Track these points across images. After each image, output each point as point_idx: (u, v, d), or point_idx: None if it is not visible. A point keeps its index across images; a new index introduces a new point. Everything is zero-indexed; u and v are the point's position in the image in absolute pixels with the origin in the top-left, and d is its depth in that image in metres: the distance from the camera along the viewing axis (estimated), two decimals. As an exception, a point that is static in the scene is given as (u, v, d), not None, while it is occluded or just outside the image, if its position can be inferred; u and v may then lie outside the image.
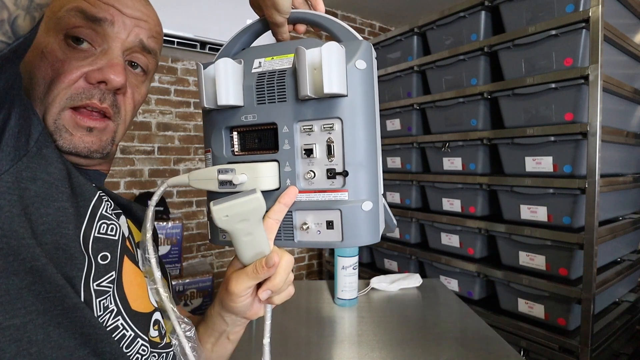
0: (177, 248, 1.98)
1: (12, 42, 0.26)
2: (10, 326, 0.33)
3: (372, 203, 0.41)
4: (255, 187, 0.40)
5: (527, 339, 1.47)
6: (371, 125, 0.41)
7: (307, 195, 0.42)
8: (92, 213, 0.42)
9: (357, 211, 0.40)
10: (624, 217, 1.71)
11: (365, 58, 0.40)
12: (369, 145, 0.41)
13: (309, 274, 2.95)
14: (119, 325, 0.41)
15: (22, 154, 0.35)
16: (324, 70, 0.37)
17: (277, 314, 1.09)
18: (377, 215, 0.42)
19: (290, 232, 0.43)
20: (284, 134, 0.42)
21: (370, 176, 0.41)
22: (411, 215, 2.03)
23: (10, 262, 0.33)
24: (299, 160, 0.42)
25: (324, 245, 0.42)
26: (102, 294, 0.40)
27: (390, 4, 2.87)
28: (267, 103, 0.42)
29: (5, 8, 0.24)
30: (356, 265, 1.12)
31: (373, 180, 0.41)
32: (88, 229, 0.41)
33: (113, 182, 2.09)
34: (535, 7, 1.47)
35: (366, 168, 0.41)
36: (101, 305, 0.39)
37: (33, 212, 0.36)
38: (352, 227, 0.40)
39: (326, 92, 0.37)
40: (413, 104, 1.99)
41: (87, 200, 0.42)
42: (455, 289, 1.80)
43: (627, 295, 1.76)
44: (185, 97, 2.31)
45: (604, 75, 1.29)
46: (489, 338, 0.92)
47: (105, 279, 0.40)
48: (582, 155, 1.36)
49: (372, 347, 0.88)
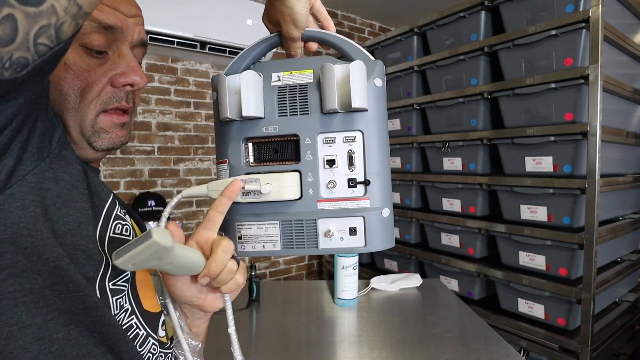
0: (177, 248, 1.98)
1: (54, 46, 0.27)
2: (32, 324, 0.34)
3: (389, 210, 0.45)
4: (279, 197, 0.43)
5: (527, 339, 1.47)
6: (385, 138, 0.45)
7: (330, 204, 0.44)
8: (108, 213, 0.43)
9: (378, 217, 0.44)
10: (624, 217, 1.71)
11: (382, 77, 0.44)
12: (384, 156, 0.45)
13: (309, 274, 2.95)
14: (133, 325, 0.42)
15: (45, 155, 0.36)
16: (352, 86, 0.41)
17: (277, 313, 1.09)
18: (392, 221, 0.46)
19: (313, 239, 0.45)
20: (306, 145, 0.44)
21: (386, 185, 0.45)
22: (411, 215, 2.03)
23: (34, 261, 0.34)
24: (321, 170, 0.44)
25: (348, 251, 0.45)
26: (117, 292, 0.41)
27: (390, 4, 2.87)
28: (289, 115, 0.44)
29: (55, 14, 0.25)
30: (356, 265, 1.12)
31: (388, 188, 0.45)
32: (104, 229, 0.42)
33: (113, 182, 2.09)
34: (535, 7, 1.47)
35: (383, 177, 0.44)
36: (118, 304, 0.41)
37: (55, 213, 0.36)
38: (374, 232, 0.44)
39: (354, 106, 0.41)
40: (413, 104, 1.99)
41: (103, 200, 0.43)
42: (455, 289, 1.80)
43: (627, 295, 1.76)
44: (185, 97, 2.31)
45: (604, 75, 1.29)
46: (489, 338, 0.92)
47: (120, 279, 0.42)
48: (582, 155, 1.36)
49: (372, 347, 0.88)
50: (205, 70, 2.38)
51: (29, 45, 0.25)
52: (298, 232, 0.45)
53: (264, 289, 1.25)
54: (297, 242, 0.45)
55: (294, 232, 0.45)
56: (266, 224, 0.46)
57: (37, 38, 0.25)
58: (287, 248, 0.45)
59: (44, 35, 0.25)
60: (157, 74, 2.20)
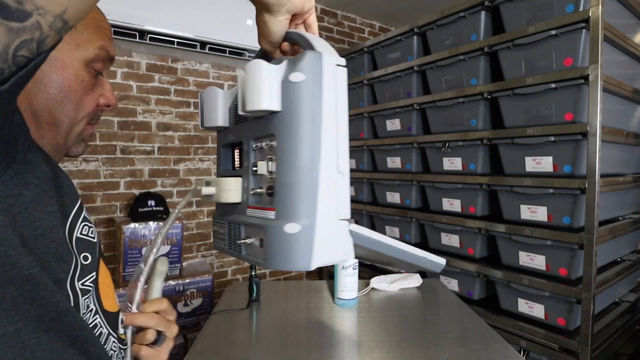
0: (177, 248, 1.98)
1: (33, 57, 0.27)
2: (5, 334, 0.34)
3: (301, 226, 0.37)
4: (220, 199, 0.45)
5: (527, 339, 1.47)
6: (309, 141, 0.38)
7: (252, 211, 0.43)
8: (76, 214, 0.44)
9: (278, 233, 0.38)
10: (624, 217, 1.71)
11: (305, 69, 0.38)
12: (304, 163, 0.37)
13: (309, 274, 2.95)
14: (97, 324, 0.44)
15: (11, 161, 0.36)
16: (247, 88, 0.39)
17: (277, 313, 1.09)
18: (308, 239, 0.38)
19: (239, 244, 0.45)
20: (245, 152, 0.45)
21: (302, 197, 0.37)
22: (411, 215, 2.03)
23: (7, 271, 0.33)
24: (251, 176, 0.44)
25: (255, 263, 0.42)
26: (85, 292, 0.42)
27: (390, 4, 2.87)
28: (239, 123, 0.46)
29: (40, 29, 0.25)
30: (356, 265, 1.12)
31: (307, 201, 0.38)
32: (71, 230, 0.43)
33: (113, 182, 2.09)
34: (535, 7, 1.47)
35: (298, 188, 0.37)
36: (85, 304, 0.42)
37: (26, 218, 0.36)
38: (275, 248, 0.39)
39: (248, 109, 0.38)
40: (413, 104, 1.99)
41: (73, 201, 0.44)
42: (455, 289, 1.80)
43: (627, 295, 1.76)
44: (185, 97, 2.31)
45: (604, 75, 1.29)
46: (489, 338, 0.92)
47: (87, 279, 0.43)
48: (582, 155, 1.36)
49: (372, 347, 0.88)
50: (205, 70, 2.38)
51: (8, 57, 0.25)
52: (233, 234, 0.46)
53: (264, 289, 1.25)
54: (233, 244, 0.46)
55: (233, 234, 0.46)
56: (220, 222, 0.50)
57: (18, 51, 0.25)
58: (230, 249, 0.47)
59: (24, 48, 0.25)
60: (157, 74, 2.20)
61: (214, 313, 1.07)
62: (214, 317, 1.04)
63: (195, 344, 0.89)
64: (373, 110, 2.26)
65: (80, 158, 1.98)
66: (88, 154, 2.01)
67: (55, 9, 0.25)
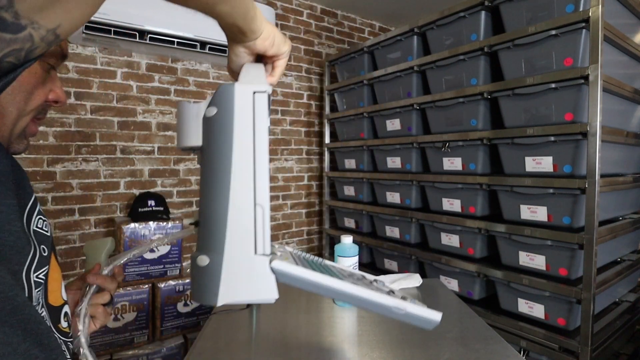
0: (177, 248, 1.98)
1: (20, 64, 0.28)
2: None
3: (209, 259, 0.37)
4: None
5: (527, 339, 1.47)
6: (220, 174, 0.37)
7: None
8: (32, 207, 0.47)
9: (194, 264, 0.38)
10: (624, 217, 1.71)
11: (218, 103, 0.38)
12: (214, 196, 0.37)
13: (309, 274, 2.95)
14: (45, 317, 0.46)
15: None
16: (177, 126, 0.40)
17: (277, 314, 1.09)
18: (216, 273, 0.37)
19: None
20: None
21: (212, 230, 0.37)
22: (411, 215, 2.03)
23: None
24: None
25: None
26: (38, 285, 0.44)
27: (390, 4, 2.87)
28: None
29: (31, 41, 0.26)
30: (356, 266, 1.12)
31: (216, 235, 0.37)
32: (28, 222, 0.45)
33: (113, 182, 2.09)
34: (535, 7, 1.47)
35: (209, 220, 0.38)
36: (37, 296, 0.43)
37: None
38: (192, 280, 0.39)
39: (179, 146, 0.40)
40: (413, 104, 1.99)
41: (29, 194, 0.47)
42: (455, 289, 1.80)
43: (627, 295, 1.76)
44: (185, 97, 2.31)
45: (604, 75, 1.29)
46: (489, 338, 0.92)
47: (41, 272, 0.45)
48: (582, 155, 1.36)
49: (372, 347, 0.88)
50: (205, 70, 2.38)
51: None
52: None
53: (264, 289, 1.24)
54: None
55: None
56: None
57: (6, 57, 0.26)
58: None
59: (13, 55, 0.26)
60: (157, 74, 2.20)
61: (214, 313, 1.07)
62: (214, 317, 1.04)
63: (195, 344, 0.89)
64: (373, 110, 2.26)
65: (80, 158, 1.98)
66: (88, 154, 2.01)
67: (49, 24, 0.26)
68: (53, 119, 1.90)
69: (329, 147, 2.72)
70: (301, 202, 2.87)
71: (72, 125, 1.97)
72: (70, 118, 1.96)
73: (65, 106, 0.62)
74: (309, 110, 2.89)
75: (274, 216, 2.73)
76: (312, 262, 0.49)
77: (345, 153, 2.56)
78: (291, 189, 2.81)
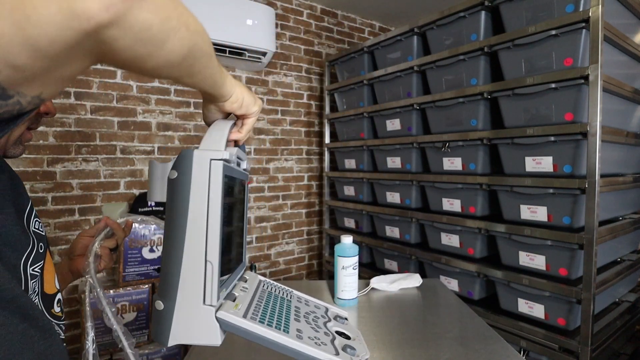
0: (177, 248, 1.98)
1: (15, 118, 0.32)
2: None
3: (163, 305, 0.42)
4: None
5: (527, 339, 1.47)
6: (176, 231, 0.42)
7: None
8: (29, 212, 0.54)
9: (154, 307, 0.44)
10: (624, 217, 1.71)
11: (178, 167, 0.43)
12: (171, 250, 0.42)
13: (309, 274, 2.95)
14: (37, 304, 0.52)
15: None
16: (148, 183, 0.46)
17: (277, 314, 1.09)
18: (168, 318, 0.42)
19: None
20: None
21: (168, 279, 0.42)
22: (411, 215, 2.03)
23: None
24: None
25: None
26: (33, 277, 0.50)
27: (390, 4, 2.87)
28: None
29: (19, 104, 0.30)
30: (356, 265, 1.12)
31: (171, 284, 0.42)
32: (27, 224, 0.52)
33: (113, 182, 2.09)
34: (535, 7, 1.47)
35: (166, 271, 0.42)
36: (32, 287, 0.50)
37: None
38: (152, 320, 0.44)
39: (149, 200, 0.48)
40: (413, 104, 1.99)
41: (26, 200, 0.54)
42: (455, 289, 1.80)
43: (627, 295, 1.76)
44: (185, 97, 2.31)
45: (604, 75, 1.29)
46: (489, 338, 0.92)
47: (37, 266, 0.51)
48: (582, 155, 1.36)
49: (372, 347, 0.88)
50: (205, 70, 2.38)
51: None
52: None
53: (264, 289, 1.24)
54: None
55: None
56: None
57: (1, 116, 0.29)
58: None
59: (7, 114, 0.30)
60: (157, 74, 2.20)
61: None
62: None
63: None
64: (373, 110, 2.26)
65: (80, 158, 1.99)
66: (88, 154, 2.01)
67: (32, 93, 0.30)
68: (53, 119, 1.90)
69: (329, 147, 2.72)
70: (301, 202, 2.87)
71: (72, 125, 1.97)
72: (70, 118, 1.96)
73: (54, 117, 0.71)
74: (309, 110, 2.89)
75: (274, 216, 2.73)
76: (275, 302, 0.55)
77: (345, 153, 2.56)
78: (291, 189, 2.81)
